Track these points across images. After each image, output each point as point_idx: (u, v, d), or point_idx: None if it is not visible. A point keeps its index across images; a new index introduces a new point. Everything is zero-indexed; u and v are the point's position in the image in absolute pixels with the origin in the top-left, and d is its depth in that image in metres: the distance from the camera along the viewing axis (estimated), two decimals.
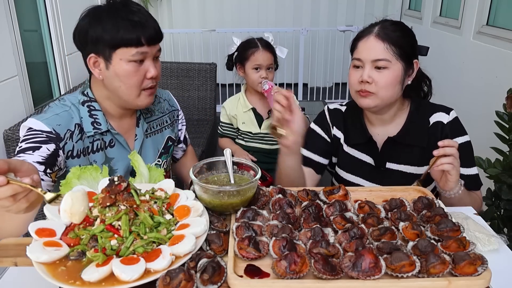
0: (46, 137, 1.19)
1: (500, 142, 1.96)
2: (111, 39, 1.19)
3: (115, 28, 1.18)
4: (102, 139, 1.31)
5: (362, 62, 1.33)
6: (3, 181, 0.78)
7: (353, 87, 1.37)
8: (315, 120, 1.58)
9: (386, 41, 1.30)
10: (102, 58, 1.22)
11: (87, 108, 1.28)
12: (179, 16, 5.48)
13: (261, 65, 2.10)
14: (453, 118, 1.41)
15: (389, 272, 0.81)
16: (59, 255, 0.83)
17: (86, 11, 1.24)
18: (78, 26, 1.23)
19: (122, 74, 1.22)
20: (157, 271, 0.79)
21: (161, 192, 0.99)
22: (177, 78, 3.49)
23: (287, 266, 0.81)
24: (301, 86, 5.13)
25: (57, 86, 2.89)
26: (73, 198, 0.86)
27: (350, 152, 1.49)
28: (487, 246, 1.03)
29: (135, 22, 1.19)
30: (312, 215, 1.00)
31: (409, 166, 1.42)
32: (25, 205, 0.85)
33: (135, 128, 1.39)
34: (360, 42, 1.36)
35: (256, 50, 2.11)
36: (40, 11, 2.73)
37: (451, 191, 1.25)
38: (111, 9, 1.22)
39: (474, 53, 3.24)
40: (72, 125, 1.25)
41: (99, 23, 1.19)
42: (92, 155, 1.29)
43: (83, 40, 1.22)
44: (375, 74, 1.31)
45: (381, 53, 1.30)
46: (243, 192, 1.01)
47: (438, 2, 4.03)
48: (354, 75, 1.36)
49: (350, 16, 5.51)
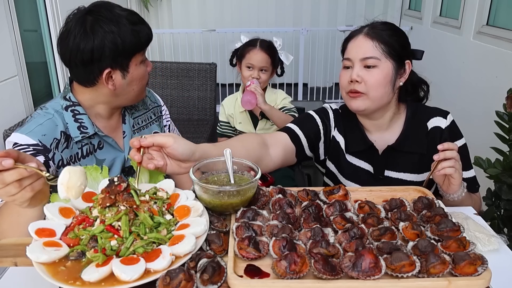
0: (34, 150, 1.17)
1: (500, 142, 1.96)
2: (131, 47, 1.20)
3: (135, 34, 1.19)
4: (90, 143, 1.29)
5: (352, 62, 1.32)
6: (11, 163, 0.81)
7: (343, 88, 1.36)
8: (316, 111, 1.51)
9: (375, 39, 1.30)
10: (118, 69, 1.21)
11: (71, 113, 1.26)
12: (179, 16, 5.48)
13: (253, 65, 2.10)
14: (450, 122, 1.40)
15: (389, 272, 0.81)
16: (59, 255, 0.83)
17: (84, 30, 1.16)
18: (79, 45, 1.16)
19: (138, 77, 1.26)
20: (157, 271, 0.79)
21: (163, 193, 0.99)
22: (177, 78, 3.49)
23: (287, 266, 0.81)
24: (301, 86, 5.13)
25: (57, 86, 2.89)
26: (70, 172, 0.86)
27: (349, 159, 1.46)
28: (487, 246, 1.03)
29: (140, 24, 1.22)
30: (312, 215, 1.00)
31: (408, 174, 1.40)
32: (30, 194, 0.86)
33: (122, 125, 1.38)
34: (349, 43, 1.36)
35: (253, 49, 2.11)
36: (40, 11, 2.73)
37: (454, 194, 1.24)
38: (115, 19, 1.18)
39: (474, 53, 3.24)
40: (57, 133, 1.22)
41: (114, 36, 1.17)
42: (83, 160, 1.28)
43: (96, 58, 1.17)
44: (364, 73, 1.30)
45: (370, 51, 1.29)
46: (243, 192, 1.01)
47: (438, 2, 4.02)
48: (344, 76, 1.35)
49: (350, 16, 5.51)
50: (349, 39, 1.36)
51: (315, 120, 1.48)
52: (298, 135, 1.44)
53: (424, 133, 1.39)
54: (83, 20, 1.18)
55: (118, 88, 1.24)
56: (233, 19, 5.47)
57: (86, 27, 1.17)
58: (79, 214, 0.93)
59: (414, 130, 1.40)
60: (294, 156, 1.44)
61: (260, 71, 2.11)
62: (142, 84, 1.29)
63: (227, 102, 2.28)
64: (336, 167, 1.49)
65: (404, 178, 1.41)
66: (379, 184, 1.40)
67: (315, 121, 1.48)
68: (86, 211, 0.93)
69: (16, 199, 0.86)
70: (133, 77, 1.25)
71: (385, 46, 1.30)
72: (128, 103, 1.33)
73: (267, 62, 2.11)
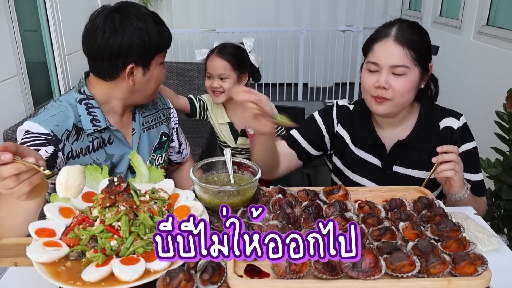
0: (45, 139, 1.19)
1: (500, 142, 1.96)
2: (156, 46, 1.25)
3: (159, 34, 1.25)
4: (101, 137, 1.32)
5: (379, 67, 1.27)
6: (9, 157, 0.81)
7: (367, 91, 1.32)
8: (320, 111, 1.53)
9: (405, 46, 1.24)
10: (141, 66, 1.26)
11: (85, 106, 1.28)
12: (179, 16, 5.47)
13: (211, 74, 1.91)
14: (463, 123, 1.39)
15: (389, 272, 0.81)
16: (59, 255, 0.83)
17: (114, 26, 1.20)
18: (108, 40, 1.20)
19: (156, 77, 1.31)
20: (157, 271, 0.79)
21: (164, 194, 0.99)
22: (177, 78, 3.49)
23: (287, 266, 0.81)
24: (301, 86, 5.12)
25: (57, 86, 2.89)
26: (69, 172, 0.86)
27: (357, 152, 1.47)
28: (487, 246, 1.03)
29: (164, 26, 1.29)
30: (312, 215, 1.00)
31: (416, 171, 1.40)
32: (28, 188, 0.87)
33: (132, 122, 1.41)
34: (377, 45, 1.28)
35: (211, 55, 1.93)
36: (40, 11, 2.73)
37: (456, 195, 1.25)
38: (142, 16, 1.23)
39: (474, 53, 3.24)
40: (69, 125, 1.25)
41: (141, 32, 1.21)
42: (93, 153, 1.30)
43: (124, 54, 1.21)
44: (392, 80, 1.26)
45: (401, 59, 1.24)
46: (243, 192, 1.01)
47: (438, 2, 4.03)
48: (369, 79, 1.29)
49: (350, 16, 5.51)
50: (376, 40, 1.29)
51: (315, 121, 1.52)
52: (297, 139, 1.48)
53: (436, 132, 1.39)
54: (112, 17, 1.22)
55: (137, 84, 1.28)
56: (233, 19, 5.47)
57: (115, 23, 1.21)
58: (79, 214, 0.93)
59: (425, 127, 1.40)
60: (297, 159, 1.49)
61: (220, 79, 1.89)
62: (158, 84, 1.35)
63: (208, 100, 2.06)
64: (342, 161, 1.51)
65: (412, 175, 1.41)
66: (387, 179, 1.41)
67: (315, 122, 1.51)
68: (86, 211, 0.93)
69: (14, 192, 0.87)
70: (152, 76, 1.29)
71: (414, 53, 1.25)
72: (141, 102, 1.38)
73: (224, 68, 1.88)
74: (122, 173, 1.36)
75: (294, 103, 4.68)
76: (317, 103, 4.69)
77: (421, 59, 1.27)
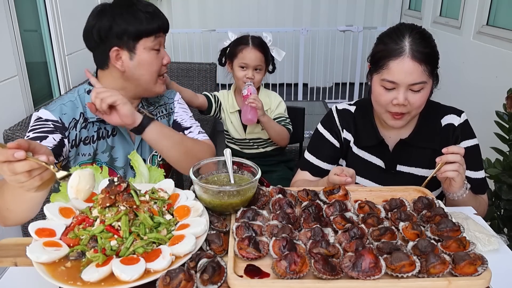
0: (53, 126, 1.26)
1: (500, 142, 1.96)
2: (136, 31, 1.29)
3: (138, 20, 1.29)
4: (105, 128, 1.37)
5: (397, 85, 1.25)
6: (22, 155, 0.84)
7: (383, 106, 1.31)
8: (323, 122, 1.52)
9: (423, 62, 1.23)
10: (126, 50, 1.30)
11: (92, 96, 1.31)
12: (179, 16, 5.48)
13: (247, 64, 1.97)
14: (464, 120, 1.40)
15: (389, 272, 0.81)
16: (59, 255, 0.83)
17: (99, 10, 1.31)
18: (95, 24, 1.29)
19: (146, 62, 1.33)
20: (157, 271, 0.79)
21: (164, 194, 0.99)
22: (177, 78, 3.49)
23: (287, 266, 0.81)
24: (301, 86, 5.13)
25: (57, 86, 2.89)
26: (80, 176, 0.88)
27: (359, 154, 1.47)
28: (487, 246, 1.03)
29: (152, 13, 1.32)
30: (312, 215, 1.00)
31: (420, 169, 1.41)
32: (38, 183, 0.89)
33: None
34: (393, 63, 1.24)
35: (245, 47, 1.98)
36: (40, 11, 2.73)
37: (455, 194, 1.26)
38: (126, 4, 1.30)
39: (474, 53, 3.24)
40: (77, 114, 1.32)
41: (121, 17, 1.28)
42: (97, 142, 1.36)
43: (105, 36, 1.29)
44: (410, 96, 1.26)
45: (419, 76, 1.23)
46: (243, 192, 1.01)
47: (438, 2, 4.03)
48: (386, 96, 1.28)
49: (350, 16, 5.51)
50: (391, 57, 1.25)
51: (324, 137, 1.50)
52: (318, 165, 1.49)
53: (438, 130, 1.40)
54: (101, 6, 1.30)
55: (126, 69, 1.31)
56: (233, 19, 5.47)
57: (100, 11, 1.30)
58: (79, 214, 0.93)
59: (427, 126, 1.40)
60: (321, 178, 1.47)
61: (255, 70, 1.99)
62: (151, 71, 1.34)
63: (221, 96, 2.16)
64: (346, 163, 1.51)
65: (415, 173, 1.41)
66: (390, 179, 1.40)
67: (324, 138, 1.50)
68: (86, 211, 0.93)
69: (24, 186, 0.89)
70: (141, 60, 1.31)
71: (430, 67, 1.25)
72: (143, 92, 1.39)
73: (261, 60, 1.99)
74: (121, 168, 1.39)
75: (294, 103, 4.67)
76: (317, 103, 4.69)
77: (434, 70, 1.29)
